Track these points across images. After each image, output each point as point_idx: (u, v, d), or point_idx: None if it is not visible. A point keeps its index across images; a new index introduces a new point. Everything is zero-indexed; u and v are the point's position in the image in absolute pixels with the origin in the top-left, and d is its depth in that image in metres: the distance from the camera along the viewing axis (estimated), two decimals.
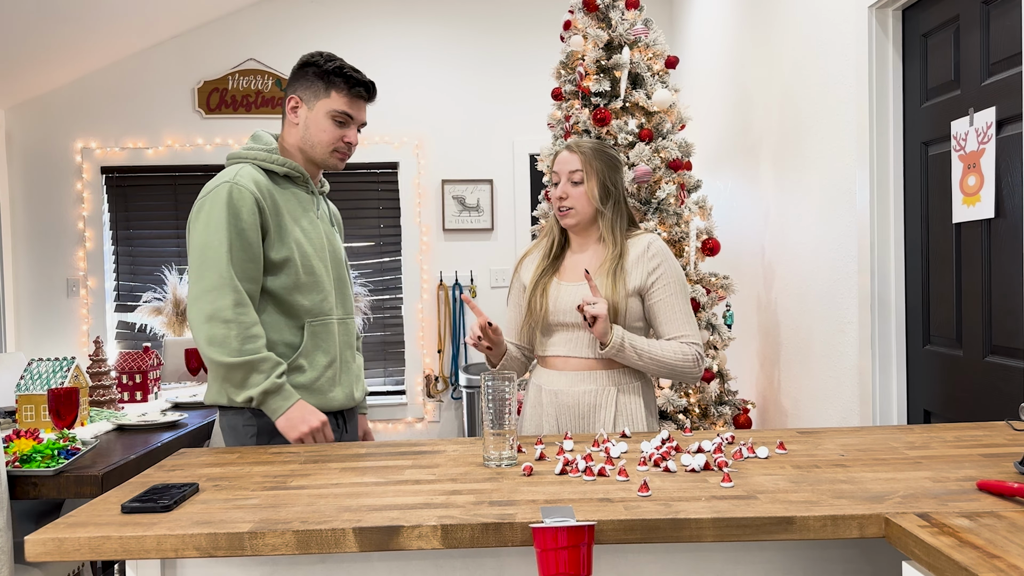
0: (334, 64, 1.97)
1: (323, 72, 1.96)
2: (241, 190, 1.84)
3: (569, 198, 1.98)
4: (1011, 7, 2.00)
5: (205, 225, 1.84)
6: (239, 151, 1.98)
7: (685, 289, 1.98)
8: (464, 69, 5.07)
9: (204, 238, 1.83)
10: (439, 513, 1.22)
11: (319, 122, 1.97)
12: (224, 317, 1.79)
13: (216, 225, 1.82)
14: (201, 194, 1.89)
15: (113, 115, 4.96)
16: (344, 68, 1.97)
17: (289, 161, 1.97)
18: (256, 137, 2.00)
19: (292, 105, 1.98)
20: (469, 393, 4.68)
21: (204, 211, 1.85)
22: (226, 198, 1.83)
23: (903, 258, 2.52)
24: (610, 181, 1.99)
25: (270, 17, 4.99)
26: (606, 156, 2.01)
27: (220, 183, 1.86)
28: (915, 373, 2.50)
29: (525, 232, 5.02)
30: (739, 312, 3.82)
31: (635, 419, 1.95)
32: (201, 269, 1.82)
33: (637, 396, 1.97)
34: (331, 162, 2.01)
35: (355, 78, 1.98)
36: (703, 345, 1.95)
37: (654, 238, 2.00)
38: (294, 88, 1.99)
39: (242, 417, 1.90)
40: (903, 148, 2.50)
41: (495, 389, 1.50)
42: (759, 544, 1.38)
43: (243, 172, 1.88)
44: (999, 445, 1.55)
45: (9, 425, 2.59)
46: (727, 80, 4.01)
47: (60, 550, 1.17)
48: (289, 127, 2.01)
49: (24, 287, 4.96)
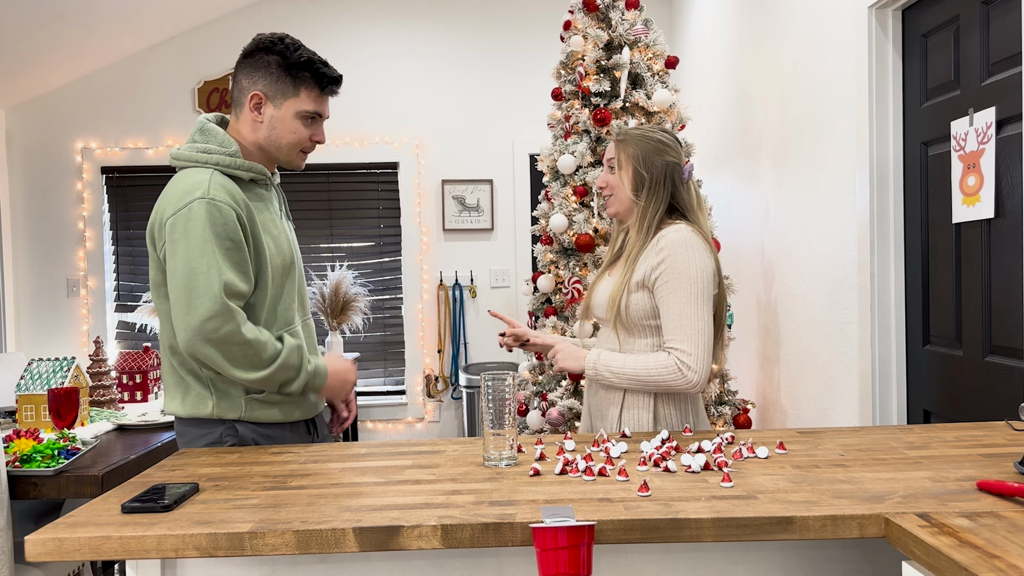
0: (302, 55, 1.79)
1: (290, 66, 1.78)
2: (220, 207, 1.69)
3: (607, 187, 1.97)
4: (1011, 7, 2.00)
5: (186, 249, 1.68)
6: (191, 152, 1.77)
7: (690, 288, 1.79)
8: (464, 69, 5.07)
9: (188, 263, 1.67)
10: (439, 513, 1.22)
11: (287, 123, 1.81)
12: (236, 340, 1.69)
13: (199, 247, 1.67)
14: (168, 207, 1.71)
15: (113, 115, 4.96)
16: (313, 62, 1.80)
17: (256, 165, 1.81)
18: (208, 132, 1.80)
19: (255, 102, 1.80)
20: (469, 393, 4.68)
21: (180, 231, 1.68)
22: (206, 217, 1.67)
23: (903, 258, 2.52)
24: (646, 167, 1.88)
25: (270, 17, 4.99)
26: (647, 141, 1.90)
27: (192, 199, 1.68)
28: (915, 373, 2.50)
29: (525, 232, 5.02)
30: (739, 312, 3.82)
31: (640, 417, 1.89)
32: (191, 297, 1.67)
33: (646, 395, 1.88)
34: (296, 162, 1.87)
35: (326, 75, 1.81)
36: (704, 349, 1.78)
37: (678, 230, 1.84)
38: (254, 81, 1.79)
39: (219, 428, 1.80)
40: (903, 148, 2.50)
41: (495, 389, 1.50)
42: (759, 544, 1.38)
43: (214, 183, 1.71)
44: (999, 445, 1.55)
45: (9, 425, 2.59)
46: (727, 80, 4.01)
47: (60, 550, 1.17)
48: (250, 124, 1.82)
49: (24, 287, 4.96)
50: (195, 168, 1.76)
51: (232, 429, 1.80)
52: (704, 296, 1.80)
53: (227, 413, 1.79)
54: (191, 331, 1.68)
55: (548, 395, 3.25)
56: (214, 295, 1.67)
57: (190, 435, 1.83)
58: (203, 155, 1.76)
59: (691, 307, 1.79)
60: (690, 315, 1.79)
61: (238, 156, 1.79)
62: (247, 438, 1.81)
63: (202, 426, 1.81)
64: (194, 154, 1.77)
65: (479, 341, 5.09)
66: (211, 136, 1.80)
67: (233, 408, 1.79)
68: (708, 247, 1.85)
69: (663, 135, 1.94)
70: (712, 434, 1.74)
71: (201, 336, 1.67)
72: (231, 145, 1.79)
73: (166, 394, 1.86)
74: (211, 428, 1.80)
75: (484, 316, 5.10)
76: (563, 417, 3.13)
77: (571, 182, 3.28)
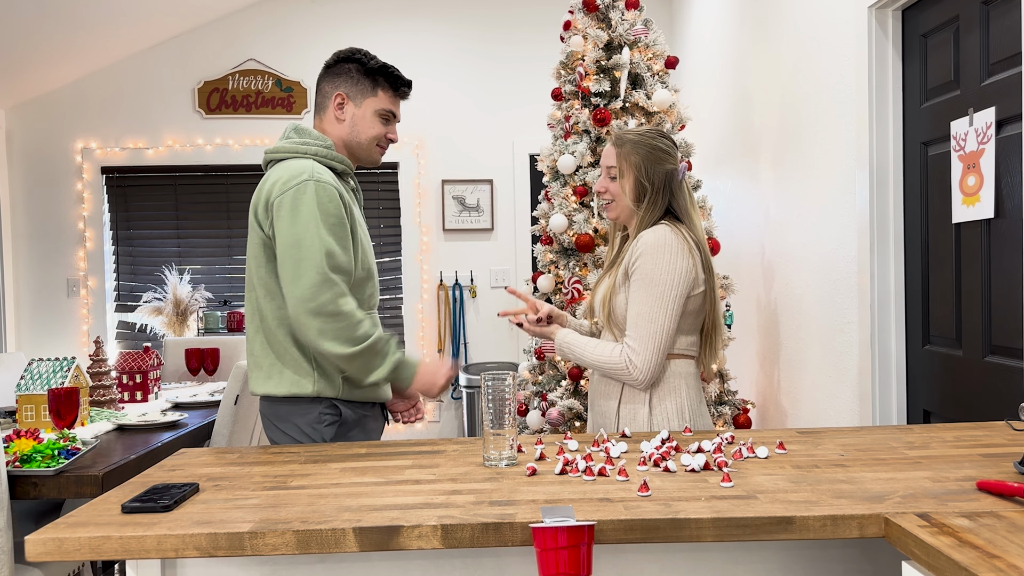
0: (377, 63, 2.00)
1: (368, 70, 1.99)
2: (325, 186, 1.85)
3: (607, 192, 2.00)
4: (1011, 7, 2.00)
5: (293, 221, 1.82)
6: (290, 146, 1.95)
7: (653, 290, 1.84)
8: (464, 69, 5.07)
9: (295, 235, 1.82)
10: (439, 513, 1.22)
11: (367, 119, 2.00)
12: (330, 311, 1.81)
13: (306, 220, 1.82)
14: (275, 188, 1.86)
15: (113, 115, 4.96)
16: (388, 67, 2.01)
17: (345, 159, 1.99)
18: (302, 131, 1.99)
19: (339, 102, 1.99)
20: (469, 393, 4.68)
21: (288, 207, 1.83)
22: (313, 194, 1.83)
23: (903, 258, 2.52)
24: (647, 176, 1.92)
25: (270, 17, 4.99)
26: (647, 148, 1.93)
27: (300, 180, 1.84)
28: (915, 373, 2.50)
29: (525, 232, 5.02)
30: (739, 312, 3.82)
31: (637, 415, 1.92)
32: (298, 267, 1.81)
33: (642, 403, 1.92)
34: (375, 156, 2.05)
35: (400, 78, 2.02)
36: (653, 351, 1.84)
37: (655, 231, 1.88)
38: (336, 85, 2.00)
39: (318, 407, 1.90)
40: (903, 148, 2.50)
41: (495, 389, 1.50)
42: (759, 544, 1.38)
43: (318, 168, 1.88)
44: (999, 445, 1.55)
45: (9, 425, 2.59)
46: (727, 80, 4.01)
47: (60, 550, 1.17)
48: (333, 123, 2.01)
49: (24, 287, 4.96)
50: (296, 159, 1.92)
51: (333, 407, 1.92)
52: (669, 298, 1.84)
53: (326, 391, 1.90)
54: (295, 300, 1.81)
55: (548, 395, 3.25)
56: (318, 265, 1.81)
57: (285, 414, 1.92)
58: (303, 147, 1.94)
59: (650, 307, 1.84)
60: (648, 315, 1.84)
61: (332, 149, 1.98)
62: (348, 417, 1.93)
63: (300, 404, 1.90)
64: (295, 146, 1.95)
65: (479, 341, 5.09)
66: (306, 133, 1.99)
67: (332, 387, 1.90)
68: (686, 247, 1.88)
69: (662, 141, 1.96)
70: (712, 434, 1.75)
71: (303, 305, 1.80)
72: (326, 140, 1.98)
73: (258, 374, 1.94)
74: (310, 407, 1.90)
75: (484, 316, 5.10)
76: (563, 417, 3.13)
77: (571, 182, 3.28)
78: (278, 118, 5.01)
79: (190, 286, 4.92)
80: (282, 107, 5.01)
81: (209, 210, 5.06)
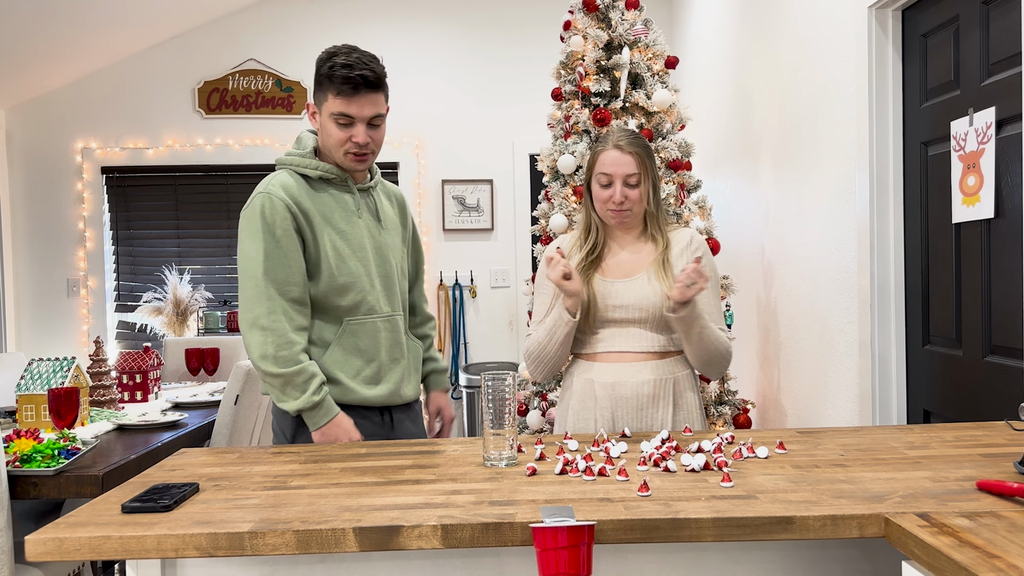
0: (327, 64, 1.90)
1: (320, 76, 1.93)
2: (272, 199, 1.88)
3: (627, 201, 1.91)
4: (1011, 7, 2.00)
5: (242, 238, 1.91)
6: (282, 156, 2.02)
7: (717, 286, 2.00)
8: (464, 69, 5.07)
9: (242, 250, 1.91)
10: (439, 513, 1.22)
11: (326, 126, 1.93)
12: (261, 324, 1.85)
13: (251, 236, 1.89)
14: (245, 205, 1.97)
15: (113, 115, 4.96)
16: (335, 67, 1.88)
17: (323, 164, 1.96)
18: (297, 140, 2.04)
19: (312, 112, 1.99)
20: (469, 393, 4.68)
21: (242, 222, 1.92)
22: (259, 210, 1.88)
23: (903, 258, 2.52)
24: (657, 178, 1.98)
25: (270, 17, 4.99)
26: (650, 151, 1.97)
27: (256, 194, 1.92)
28: (915, 373, 2.50)
29: (525, 232, 5.02)
30: (739, 312, 3.82)
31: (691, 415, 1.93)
32: (242, 280, 1.90)
33: (693, 392, 1.95)
34: (347, 164, 1.96)
35: (344, 76, 1.87)
36: None
37: (695, 232, 2.03)
38: (313, 93, 2.00)
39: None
40: (903, 148, 2.50)
41: (495, 389, 1.50)
42: (759, 544, 1.38)
43: (275, 180, 1.92)
44: (999, 445, 1.55)
45: (9, 425, 2.59)
46: (727, 80, 4.01)
47: (60, 550, 1.17)
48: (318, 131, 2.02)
49: (24, 287, 4.96)
50: (277, 170, 2.00)
51: None
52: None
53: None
54: (239, 310, 1.91)
55: (548, 395, 3.25)
56: (255, 278, 1.87)
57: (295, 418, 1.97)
58: (286, 158, 2.00)
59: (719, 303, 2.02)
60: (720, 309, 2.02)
61: (309, 156, 1.98)
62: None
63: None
64: (282, 157, 2.01)
65: (479, 341, 5.09)
66: (299, 143, 2.02)
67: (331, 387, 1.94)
68: None
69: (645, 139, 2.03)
70: (712, 434, 1.75)
71: (240, 316, 1.90)
72: (308, 146, 2.00)
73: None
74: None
75: (484, 316, 5.10)
76: None
77: (571, 182, 3.28)
78: (278, 118, 5.01)
79: (190, 286, 4.92)
80: (282, 107, 5.01)
81: (209, 210, 5.06)
